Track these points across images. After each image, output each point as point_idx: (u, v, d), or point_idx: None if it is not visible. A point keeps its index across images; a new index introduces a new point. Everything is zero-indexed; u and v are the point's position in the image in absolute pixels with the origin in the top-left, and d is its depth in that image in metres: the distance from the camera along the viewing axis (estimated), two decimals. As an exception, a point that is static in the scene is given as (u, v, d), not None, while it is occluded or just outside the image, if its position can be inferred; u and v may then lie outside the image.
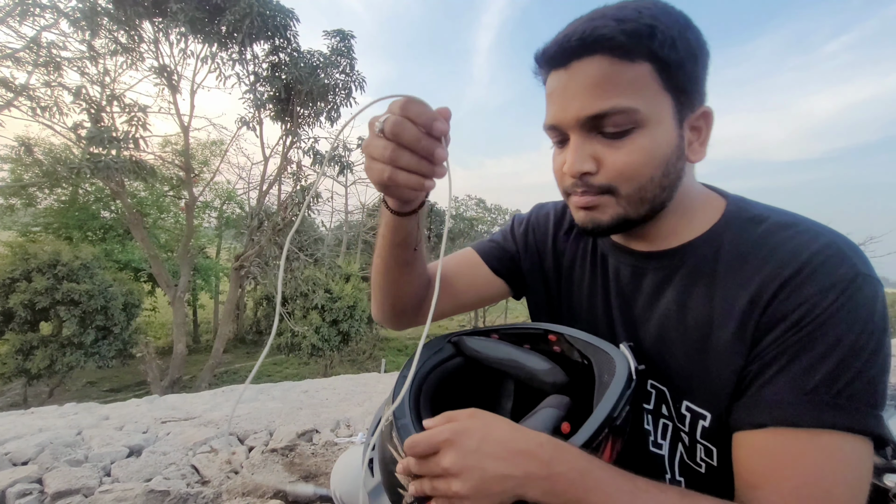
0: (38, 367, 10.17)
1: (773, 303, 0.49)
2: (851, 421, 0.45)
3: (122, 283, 12.12)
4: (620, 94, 0.50)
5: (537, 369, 0.64)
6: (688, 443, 0.58)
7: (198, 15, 9.36)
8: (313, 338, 13.08)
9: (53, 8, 9.18)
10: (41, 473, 1.63)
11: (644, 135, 0.52)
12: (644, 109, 0.51)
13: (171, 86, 10.81)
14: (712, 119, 0.56)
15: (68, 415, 2.86)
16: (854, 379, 0.45)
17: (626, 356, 0.57)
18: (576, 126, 0.54)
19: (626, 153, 0.53)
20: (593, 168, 0.54)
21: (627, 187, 0.54)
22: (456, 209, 27.28)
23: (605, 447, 0.51)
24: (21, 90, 9.35)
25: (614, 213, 0.56)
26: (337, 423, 2.43)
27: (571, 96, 0.53)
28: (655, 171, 0.53)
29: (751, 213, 0.57)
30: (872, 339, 0.46)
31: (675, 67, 0.51)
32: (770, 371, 0.49)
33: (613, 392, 0.52)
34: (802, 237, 0.51)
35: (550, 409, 0.55)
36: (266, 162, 12.16)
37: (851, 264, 0.48)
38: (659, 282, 0.61)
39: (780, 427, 0.47)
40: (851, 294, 0.47)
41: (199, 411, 2.80)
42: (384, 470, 0.56)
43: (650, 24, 0.49)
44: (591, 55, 0.51)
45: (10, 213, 14.33)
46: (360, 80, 11.25)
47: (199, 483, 1.71)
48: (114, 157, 8.96)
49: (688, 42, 0.52)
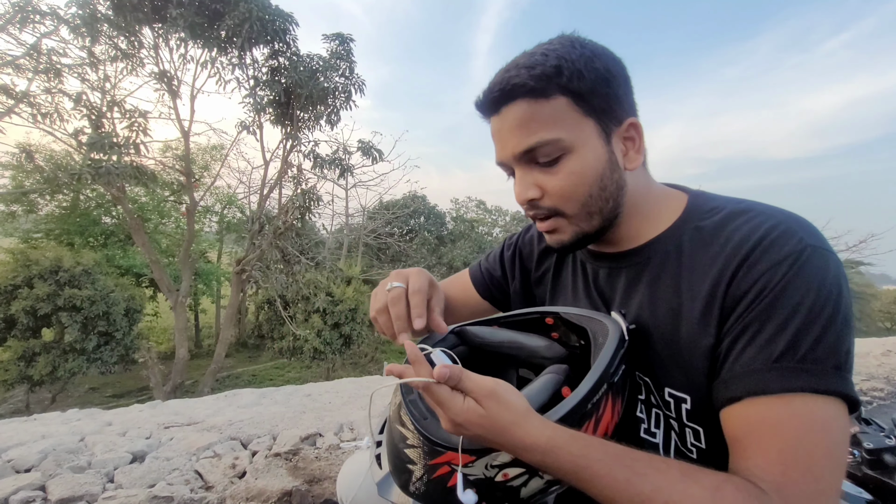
0: (40, 373, 10.16)
1: (733, 283, 0.54)
2: (818, 383, 0.47)
3: (124, 288, 12.11)
4: (542, 129, 0.58)
5: (537, 345, 0.69)
6: (678, 428, 0.61)
7: (197, 20, 9.39)
8: (315, 341, 13.06)
9: (53, 15, 9.20)
10: (44, 480, 1.62)
11: (573, 159, 0.59)
12: (567, 137, 0.58)
13: (171, 91, 10.83)
14: (641, 128, 0.63)
15: (71, 421, 2.85)
16: (816, 342, 0.48)
17: (618, 320, 0.61)
18: (514, 161, 0.63)
19: (561, 178, 0.60)
20: (537, 194, 0.63)
21: (571, 208, 0.62)
22: (456, 210, 27.24)
23: (606, 405, 0.54)
24: (22, 97, 9.37)
25: (572, 232, 0.64)
26: (340, 426, 2.42)
27: (506, 137, 0.62)
28: (591, 188, 0.60)
29: (709, 205, 0.63)
30: (828, 303, 0.49)
31: (588, 95, 0.58)
32: (738, 346, 0.52)
33: (608, 350, 0.56)
34: (754, 221, 0.56)
35: (551, 374, 0.60)
36: (266, 166, 12.17)
37: (799, 238, 0.52)
38: (631, 280, 0.66)
39: (754, 397, 0.50)
40: (802, 264, 0.51)
41: (201, 416, 2.79)
42: (393, 450, 0.58)
43: (556, 64, 0.57)
44: (513, 101, 0.59)
45: (11, 220, 14.34)
46: (359, 83, 11.27)
47: (203, 488, 1.70)
48: (115, 163, 8.96)
49: (596, 70, 0.58)
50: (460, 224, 25.60)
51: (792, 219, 0.55)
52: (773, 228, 0.54)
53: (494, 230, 28.41)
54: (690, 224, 0.62)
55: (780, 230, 0.53)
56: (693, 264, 0.59)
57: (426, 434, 0.53)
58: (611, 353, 0.55)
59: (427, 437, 0.53)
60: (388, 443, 0.61)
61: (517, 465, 0.50)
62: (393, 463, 0.58)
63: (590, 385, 0.52)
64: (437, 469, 0.52)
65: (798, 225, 0.54)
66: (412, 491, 0.56)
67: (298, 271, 12.75)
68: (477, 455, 0.51)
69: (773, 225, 0.54)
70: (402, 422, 0.57)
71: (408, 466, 0.55)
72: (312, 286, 13.26)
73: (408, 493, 0.56)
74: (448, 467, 0.52)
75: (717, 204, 0.62)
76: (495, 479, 0.51)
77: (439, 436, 0.52)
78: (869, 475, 0.97)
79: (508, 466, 0.51)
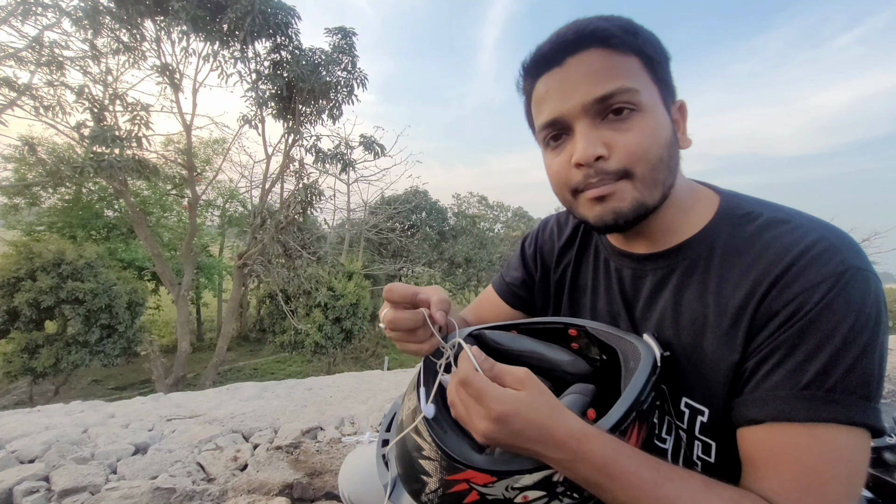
0: (43, 365, 10.23)
1: (766, 300, 0.50)
2: (846, 414, 0.46)
3: (126, 281, 12.16)
4: (621, 78, 0.54)
5: (561, 360, 0.65)
6: (685, 439, 0.60)
7: (199, 13, 9.35)
8: (316, 335, 13.12)
9: (55, 7, 9.18)
10: (48, 471, 1.63)
11: (646, 117, 0.55)
12: (643, 93, 0.55)
13: (173, 84, 10.81)
14: (687, 111, 0.62)
15: (74, 413, 2.87)
16: (848, 372, 0.46)
17: (651, 344, 0.58)
18: (581, 113, 0.56)
19: (636, 134, 0.54)
20: (605, 152, 0.55)
21: (642, 168, 0.55)
22: (458, 206, 27.18)
23: (632, 432, 0.52)
24: (24, 90, 9.36)
25: (633, 200, 0.56)
26: (341, 420, 2.43)
27: (572, 87, 0.56)
28: (663, 151, 0.56)
29: (744, 209, 0.59)
30: (865, 331, 0.46)
31: (656, 62, 0.57)
32: (765, 367, 0.50)
33: (640, 377, 0.53)
34: (794, 234, 0.52)
35: (577, 395, 0.57)
36: (268, 160, 12.16)
37: (842, 258, 0.48)
38: (657, 283, 0.63)
39: (777, 422, 0.48)
40: (842, 288, 0.47)
41: (203, 409, 2.81)
42: (406, 458, 0.56)
43: (634, 24, 0.56)
44: (587, 49, 0.55)
45: (14, 213, 14.38)
46: (362, 77, 11.23)
47: (205, 480, 1.71)
48: (117, 156, 8.96)
49: (661, 45, 0.58)
50: (462, 220, 25.56)
51: (834, 234, 0.51)
52: (814, 244, 0.50)
53: (496, 226, 28.40)
54: (723, 229, 0.58)
55: (822, 247, 0.49)
56: (723, 274, 0.55)
57: (445, 450, 0.50)
58: (643, 382, 0.52)
59: (446, 453, 0.50)
60: (400, 448, 0.59)
61: (539, 488, 0.49)
62: (405, 470, 0.57)
63: (620, 414, 0.50)
64: (454, 485, 0.50)
65: (841, 241, 0.50)
66: (424, 501, 0.54)
67: (300, 266, 12.77)
68: (499, 476, 0.49)
69: (815, 240, 0.50)
70: (419, 431, 0.54)
71: (421, 477, 0.53)
72: (314, 281, 13.29)
73: (419, 502, 0.55)
74: (466, 485, 0.50)
75: (752, 209, 0.58)
76: (514, 501, 0.50)
77: (460, 453, 0.50)
78: (869, 473, 0.98)
79: (529, 489, 0.49)
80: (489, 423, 0.47)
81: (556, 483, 0.49)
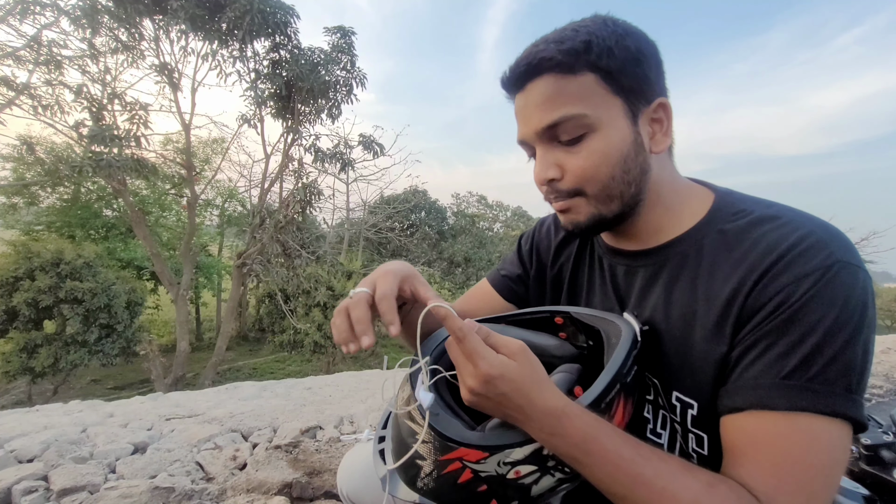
0: (42, 365, 10.21)
1: (753, 293, 0.52)
2: (825, 404, 0.47)
3: (125, 281, 12.14)
4: (567, 105, 0.56)
5: (548, 344, 0.67)
6: (680, 432, 0.61)
7: (198, 12, 9.34)
8: (316, 335, 13.10)
9: (54, 6, 9.16)
10: (47, 471, 1.63)
11: (597, 138, 0.57)
12: (592, 114, 0.56)
13: (171, 84, 10.80)
14: (670, 109, 0.61)
15: (73, 412, 2.87)
16: (829, 363, 0.47)
17: (630, 321, 0.60)
18: (536, 138, 0.60)
19: (584, 157, 0.58)
20: (558, 174, 0.60)
21: (593, 187, 0.59)
22: (457, 205, 27.17)
23: (617, 405, 0.53)
24: (22, 89, 9.35)
25: (588, 213, 0.62)
26: (340, 419, 2.43)
27: (529, 113, 0.60)
28: (614, 169, 0.58)
29: (736, 207, 0.60)
30: (849, 324, 0.47)
31: (616, 73, 0.56)
32: (748, 357, 0.51)
33: (621, 350, 0.55)
34: (784, 229, 0.53)
35: (563, 374, 0.59)
36: (267, 159, 12.16)
37: (829, 252, 0.50)
38: (648, 279, 0.65)
39: (758, 410, 0.49)
40: (828, 281, 0.48)
41: (202, 408, 2.81)
42: (401, 446, 0.57)
43: (586, 39, 0.55)
44: (539, 76, 0.57)
45: (12, 212, 14.36)
46: (360, 76, 11.24)
47: (204, 480, 1.71)
48: (115, 156, 8.96)
49: (626, 49, 0.56)
50: (461, 219, 25.55)
51: (823, 229, 0.52)
52: (803, 239, 0.51)
53: (495, 225, 28.37)
54: (714, 226, 0.59)
55: (810, 241, 0.51)
56: (713, 269, 0.57)
57: (438, 429, 0.52)
58: (624, 354, 0.55)
59: (439, 433, 0.51)
60: (394, 438, 0.60)
61: (529, 462, 0.51)
62: (400, 457, 0.57)
63: (604, 385, 0.52)
64: (448, 465, 0.52)
65: (830, 236, 0.51)
66: (420, 487, 0.55)
67: (299, 265, 12.76)
68: (490, 451, 0.50)
69: (803, 235, 0.51)
70: (412, 416, 0.55)
71: (416, 462, 0.54)
72: (313, 280, 13.28)
73: (415, 489, 0.55)
74: (459, 463, 0.51)
75: (744, 206, 0.59)
76: (507, 477, 0.51)
77: (452, 431, 0.52)
78: (866, 471, 0.98)
79: (521, 464, 0.51)
80: (476, 382, 0.49)
81: (547, 457, 0.51)
